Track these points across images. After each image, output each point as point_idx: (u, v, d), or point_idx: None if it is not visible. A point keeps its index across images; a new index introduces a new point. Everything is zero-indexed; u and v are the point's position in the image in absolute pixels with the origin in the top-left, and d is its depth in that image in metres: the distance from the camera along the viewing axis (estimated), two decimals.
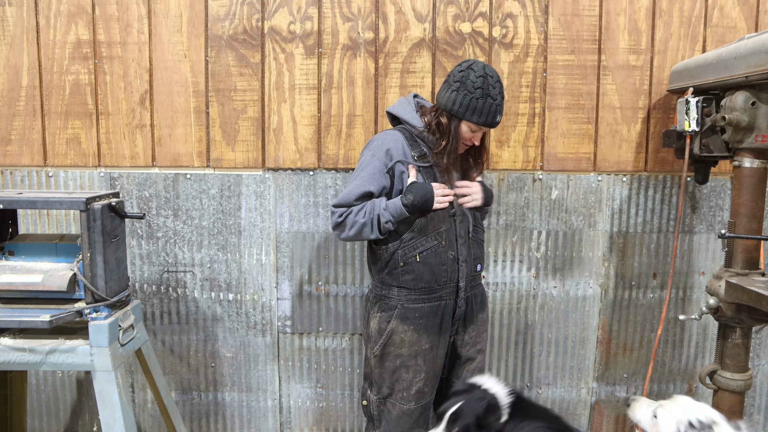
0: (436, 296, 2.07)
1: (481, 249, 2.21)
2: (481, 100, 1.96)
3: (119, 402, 1.91)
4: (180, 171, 2.59)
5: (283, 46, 2.53)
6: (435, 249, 2.05)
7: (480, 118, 1.99)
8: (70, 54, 2.52)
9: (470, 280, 2.14)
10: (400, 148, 2.05)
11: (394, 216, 1.99)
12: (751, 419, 2.84)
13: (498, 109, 2.00)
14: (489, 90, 1.96)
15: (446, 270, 2.06)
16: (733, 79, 2.01)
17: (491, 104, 1.97)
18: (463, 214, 2.11)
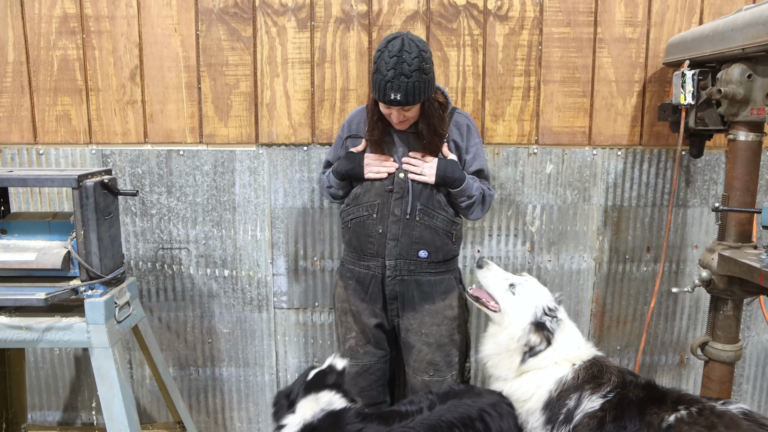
0: (365, 265, 2.17)
1: (434, 235, 2.12)
2: (376, 75, 1.93)
3: (117, 378, 1.92)
4: (173, 147, 2.57)
5: (275, 19, 2.49)
6: (364, 220, 2.14)
7: (376, 94, 1.96)
8: (56, 28, 2.47)
9: (405, 263, 2.12)
10: (356, 122, 2.19)
11: (333, 183, 2.17)
12: (740, 389, 2.90)
13: (389, 86, 1.88)
14: (380, 65, 1.90)
15: (372, 243, 2.13)
16: (729, 51, 2.00)
17: (380, 80, 1.91)
18: (403, 192, 2.08)
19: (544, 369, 1.91)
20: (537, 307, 1.97)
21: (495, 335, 2.03)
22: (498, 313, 2.04)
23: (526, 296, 2.00)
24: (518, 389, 1.93)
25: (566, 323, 2.01)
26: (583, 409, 1.76)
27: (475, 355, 2.40)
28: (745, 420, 1.55)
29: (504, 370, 1.97)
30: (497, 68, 2.55)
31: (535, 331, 1.94)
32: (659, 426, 1.61)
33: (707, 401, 1.66)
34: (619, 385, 1.80)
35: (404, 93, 1.90)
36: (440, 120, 2.07)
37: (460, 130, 2.18)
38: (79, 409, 2.76)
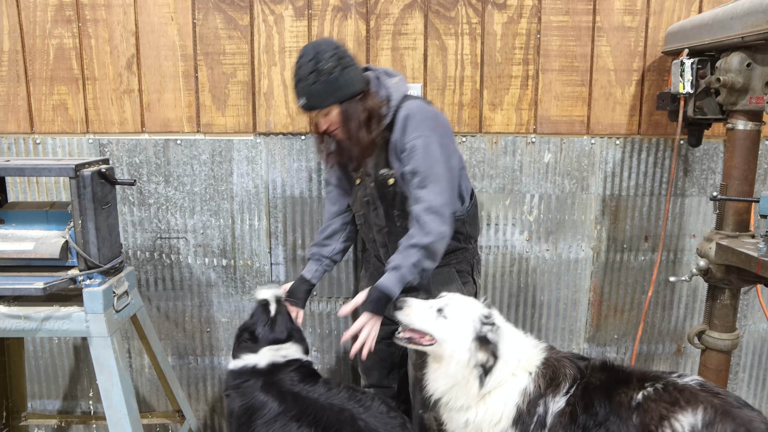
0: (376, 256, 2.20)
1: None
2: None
3: (116, 367, 1.93)
4: (170, 137, 2.56)
5: (272, 7, 2.47)
6: (360, 225, 2.17)
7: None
8: (52, 17, 2.45)
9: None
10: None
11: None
12: (736, 377, 2.92)
13: (295, 93, 1.86)
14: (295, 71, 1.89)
15: (373, 245, 2.17)
16: (729, 39, 1.99)
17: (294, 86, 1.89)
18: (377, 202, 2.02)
19: (505, 384, 1.76)
20: (474, 321, 1.77)
21: (443, 368, 1.80)
22: (436, 345, 1.80)
23: (458, 314, 1.79)
24: (485, 414, 1.77)
25: (504, 328, 1.83)
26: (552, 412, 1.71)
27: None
28: (702, 391, 1.58)
29: (463, 399, 1.78)
30: (495, 57, 2.54)
31: (480, 348, 1.74)
32: (629, 405, 1.61)
33: (668, 376, 1.66)
34: (577, 377, 1.73)
35: (306, 96, 1.85)
36: (360, 125, 1.88)
37: (399, 125, 1.90)
38: (78, 397, 2.78)
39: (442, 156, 1.87)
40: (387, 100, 1.93)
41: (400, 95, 1.94)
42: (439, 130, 1.90)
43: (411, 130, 1.87)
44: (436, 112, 1.96)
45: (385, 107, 1.92)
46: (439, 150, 1.86)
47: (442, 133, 1.90)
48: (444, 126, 1.95)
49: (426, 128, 1.87)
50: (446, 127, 1.96)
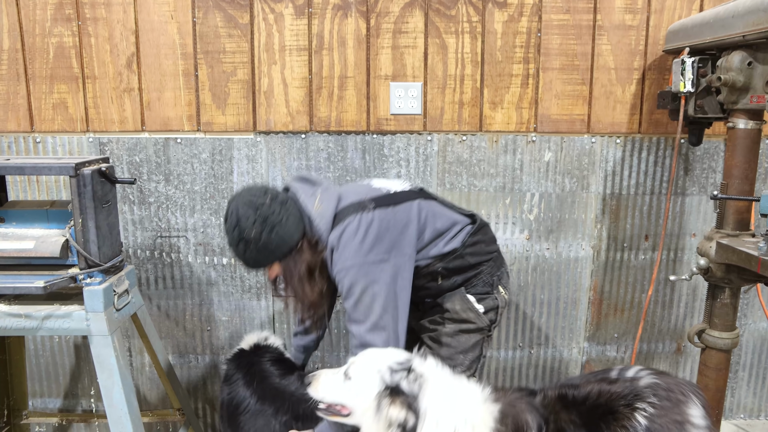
0: None
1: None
2: None
3: (117, 366, 1.93)
4: (170, 135, 2.56)
5: (272, 6, 2.47)
6: None
7: None
8: (52, 15, 2.45)
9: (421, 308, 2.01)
10: None
11: None
12: (736, 376, 2.92)
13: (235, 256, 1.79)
14: None
15: None
16: (730, 38, 1.98)
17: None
18: None
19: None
20: (381, 371, 1.48)
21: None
22: (354, 414, 1.55)
23: (363, 369, 1.52)
24: None
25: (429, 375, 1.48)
26: None
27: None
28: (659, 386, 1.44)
29: None
30: (496, 55, 2.54)
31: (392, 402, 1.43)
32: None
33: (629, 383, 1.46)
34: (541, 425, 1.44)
35: (242, 261, 1.80)
36: (302, 280, 1.78)
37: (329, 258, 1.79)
38: (79, 396, 2.78)
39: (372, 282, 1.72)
40: (320, 242, 1.78)
41: (327, 224, 1.77)
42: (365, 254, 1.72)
43: (336, 265, 1.75)
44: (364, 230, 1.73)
45: (325, 250, 1.78)
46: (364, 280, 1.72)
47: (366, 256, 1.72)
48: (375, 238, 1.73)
49: (347, 260, 1.73)
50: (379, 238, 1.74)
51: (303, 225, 1.79)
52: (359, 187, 1.92)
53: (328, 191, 1.85)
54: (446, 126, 2.58)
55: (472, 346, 1.95)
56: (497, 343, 2.78)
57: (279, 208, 1.74)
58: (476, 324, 1.94)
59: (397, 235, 1.77)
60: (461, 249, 1.92)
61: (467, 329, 1.94)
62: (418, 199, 1.88)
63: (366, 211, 1.75)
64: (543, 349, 2.82)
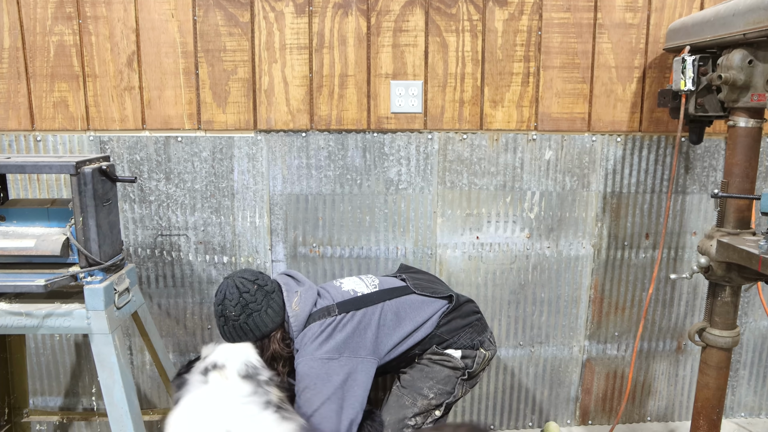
0: None
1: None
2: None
3: (117, 364, 1.93)
4: (171, 134, 2.56)
5: (272, 4, 2.47)
6: None
7: None
8: (52, 14, 2.45)
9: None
10: None
11: None
12: (737, 374, 2.92)
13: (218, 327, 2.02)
14: None
15: None
16: (730, 36, 1.98)
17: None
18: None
19: None
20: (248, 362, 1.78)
21: None
22: None
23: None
24: None
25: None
26: None
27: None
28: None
29: None
30: (496, 54, 2.54)
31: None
32: None
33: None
34: None
35: (222, 335, 2.02)
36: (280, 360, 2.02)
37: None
38: (80, 394, 2.78)
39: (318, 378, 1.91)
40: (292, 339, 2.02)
41: (299, 326, 2.01)
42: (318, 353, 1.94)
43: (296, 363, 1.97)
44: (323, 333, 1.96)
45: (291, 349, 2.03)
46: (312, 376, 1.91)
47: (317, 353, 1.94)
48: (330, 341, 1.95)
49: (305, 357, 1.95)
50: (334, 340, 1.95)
51: (282, 318, 2.03)
52: (333, 288, 2.15)
53: (307, 293, 2.07)
54: (447, 124, 2.58)
55: (445, 378, 2.09)
56: (497, 342, 2.78)
57: (262, 298, 1.99)
58: (451, 362, 2.10)
59: (352, 339, 1.98)
60: (435, 330, 2.11)
61: (441, 362, 2.10)
62: (384, 302, 2.09)
63: (330, 317, 2.00)
64: (543, 348, 2.82)
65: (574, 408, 2.90)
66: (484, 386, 2.84)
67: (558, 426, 2.85)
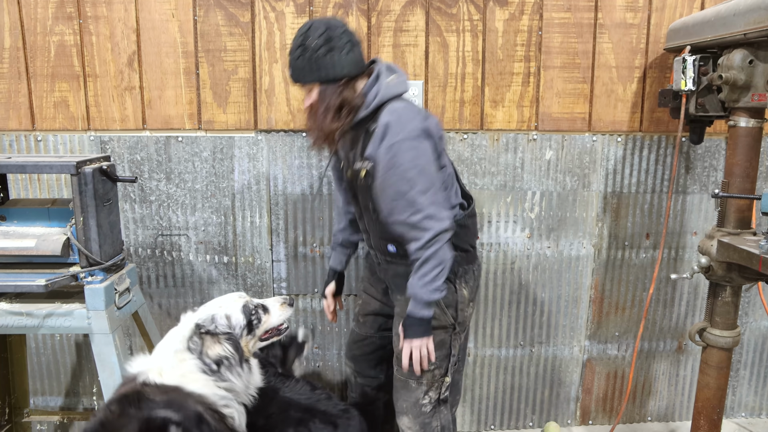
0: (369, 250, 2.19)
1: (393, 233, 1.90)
2: None
3: (118, 364, 1.94)
4: (171, 134, 2.56)
5: (273, 4, 2.47)
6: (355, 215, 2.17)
7: None
8: (53, 14, 2.45)
9: (381, 254, 2.06)
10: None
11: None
12: (737, 374, 2.92)
13: (289, 62, 1.86)
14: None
15: (364, 231, 2.13)
16: (731, 36, 1.98)
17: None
18: (354, 192, 2.00)
19: None
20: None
21: None
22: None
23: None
24: None
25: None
26: None
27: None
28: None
29: None
30: (497, 54, 2.54)
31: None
32: None
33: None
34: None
35: (291, 69, 1.86)
36: (327, 110, 1.83)
37: (375, 136, 1.82)
38: (80, 394, 2.78)
39: (420, 165, 1.79)
40: (368, 95, 1.86)
41: (388, 94, 1.84)
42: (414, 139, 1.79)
43: (389, 137, 1.79)
44: (420, 118, 1.82)
45: (364, 103, 1.85)
46: (414, 160, 1.78)
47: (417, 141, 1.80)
48: (426, 133, 1.82)
49: (397, 135, 1.78)
50: (428, 133, 1.83)
51: (357, 74, 1.86)
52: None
53: (404, 84, 1.92)
54: (447, 124, 2.58)
55: (438, 343, 1.97)
56: (498, 342, 2.78)
57: (346, 41, 1.82)
58: (439, 321, 1.96)
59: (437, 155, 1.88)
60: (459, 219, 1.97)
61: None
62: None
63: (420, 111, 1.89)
64: (544, 348, 2.82)
65: (574, 408, 2.90)
66: (484, 386, 2.84)
67: (558, 426, 2.85)
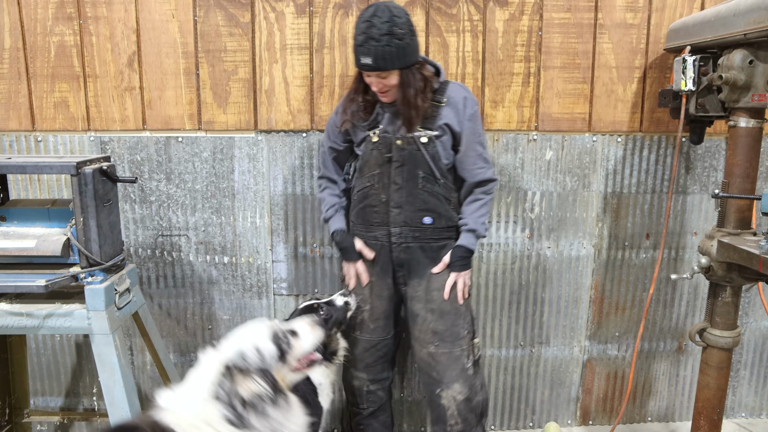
0: (372, 235, 2.20)
1: (436, 201, 2.13)
2: (353, 42, 1.97)
3: (118, 364, 1.93)
4: (171, 134, 2.56)
5: (273, 4, 2.47)
6: (367, 191, 2.18)
7: (355, 62, 2.01)
8: (53, 14, 2.45)
9: (410, 230, 2.14)
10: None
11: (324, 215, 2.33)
12: (737, 375, 2.92)
13: (360, 51, 1.93)
14: (355, 31, 1.96)
15: (377, 212, 2.16)
16: (731, 36, 1.98)
17: (354, 47, 1.96)
18: (403, 160, 2.10)
19: None
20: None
21: None
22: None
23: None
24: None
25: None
26: None
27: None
28: None
29: None
30: (497, 54, 2.54)
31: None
32: None
33: None
34: None
35: (373, 57, 1.91)
36: (417, 92, 2.02)
37: (455, 107, 2.10)
38: (80, 394, 2.78)
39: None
40: (436, 73, 2.12)
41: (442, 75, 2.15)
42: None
43: (469, 108, 2.11)
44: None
45: (436, 80, 2.10)
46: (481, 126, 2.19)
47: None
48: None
49: (474, 105, 2.14)
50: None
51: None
52: None
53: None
54: None
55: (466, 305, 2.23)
56: (498, 342, 2.78)
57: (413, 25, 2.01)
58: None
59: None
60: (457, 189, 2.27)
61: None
62: None
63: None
64: (544, 348, 2.82)
65: (574, 408, 2.90)
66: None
67: (558, 426, 2.85)
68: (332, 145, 2.29)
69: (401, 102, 2.04)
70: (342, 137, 2.25)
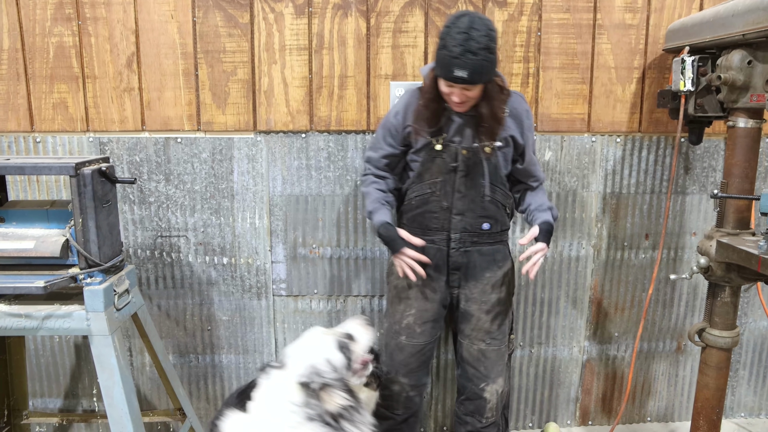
0: (429, 239, 2.16)
1: (496, 209, 2.16)
2: (442, 51, 1.90)
3: (117, 365, 1.93)
4: (170, 135, 2.56)
5: (272, 5, 2.47)
6: (428, 197, 2.15)
7: (440, 70, 1.94)
8: (52, 15, 2.45)
9: (469, 236, 2.15)
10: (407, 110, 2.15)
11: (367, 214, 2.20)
12: (736, 375, 2.92)
13: (456, 63, 1.85)
14: (447, 41, 1.88)
15: (437, 218, 2.15)
16: (730, 37, 1.98)
17: (446, 56, 1.88)
18: (468, 170, 2.10)
19: None
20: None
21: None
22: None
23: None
24: None
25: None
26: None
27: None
28: None
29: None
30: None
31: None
32: None
33: None
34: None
35: (470, 71, 1.87)
36: (500, 103, 2.04)
37: (518, 119, 2.13)
38: (80, 396, 2.78)
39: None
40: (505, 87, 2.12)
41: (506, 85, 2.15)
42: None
43: (531, 120, 2.17)
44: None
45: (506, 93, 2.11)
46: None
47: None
48: None
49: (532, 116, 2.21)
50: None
51: None
52: None
53: None
54: None
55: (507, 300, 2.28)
56: None
57: None
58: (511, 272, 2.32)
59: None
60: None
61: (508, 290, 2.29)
62: None
63: None
64: (544, 348, 2.82)
65: (574, 408, 2.90)
66: None
67: (558, 426, 2.85)
68: (389, 148, 2.20)
69: (488, 115, 2.03)
70: (401, 141, 2.19)
